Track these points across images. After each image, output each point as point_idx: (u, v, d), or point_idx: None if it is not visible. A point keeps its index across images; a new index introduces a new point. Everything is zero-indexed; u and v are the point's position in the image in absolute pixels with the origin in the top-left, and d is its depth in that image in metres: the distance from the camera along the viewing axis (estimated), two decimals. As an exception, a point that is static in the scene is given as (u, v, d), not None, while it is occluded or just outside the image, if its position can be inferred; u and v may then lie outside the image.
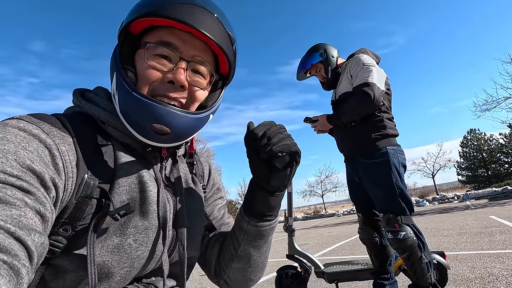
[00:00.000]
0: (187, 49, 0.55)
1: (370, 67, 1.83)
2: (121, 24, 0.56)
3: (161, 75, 0.54)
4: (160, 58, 0.54)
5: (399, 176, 1.78)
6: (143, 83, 0.53)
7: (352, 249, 5.38)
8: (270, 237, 0.64)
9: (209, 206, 0.72)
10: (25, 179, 0.38)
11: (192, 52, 0.55)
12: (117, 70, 0.53)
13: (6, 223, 0.33)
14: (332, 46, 2.10)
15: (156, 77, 0.53)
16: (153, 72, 0.53)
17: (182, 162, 0.66)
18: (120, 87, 0.52)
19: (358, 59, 1.89)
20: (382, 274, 2.01)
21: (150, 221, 0.52)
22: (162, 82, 0.54)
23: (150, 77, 0.53)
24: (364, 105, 1.78)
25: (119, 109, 0.53)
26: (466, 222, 6.70)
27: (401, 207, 1.74)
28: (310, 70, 2.15)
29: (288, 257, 2.40)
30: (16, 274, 0.32)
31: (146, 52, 0.53)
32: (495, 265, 2.90)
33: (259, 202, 0.58)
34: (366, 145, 1.86)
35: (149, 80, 0.53)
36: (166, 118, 0.51)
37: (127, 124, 0.52)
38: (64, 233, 0.45)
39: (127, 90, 0.51)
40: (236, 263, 0.64)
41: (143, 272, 0.54)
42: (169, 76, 0.53)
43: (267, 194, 0.57)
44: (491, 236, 4.54)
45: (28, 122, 0.44)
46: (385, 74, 1.92)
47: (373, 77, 1.78)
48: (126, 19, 0.55)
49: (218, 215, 0.72)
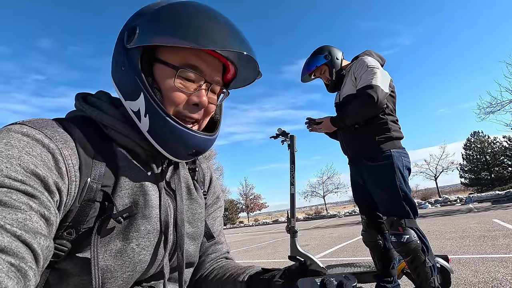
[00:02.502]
0: (210, 72, 0.57)
1: (374, 69, 1.82)
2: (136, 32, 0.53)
3: (186, 97, 0.56)
4: (185, 80, 0.55)
5: (403, 179, 1.78)
6: (169, 103, 0.55)
7: (354, 250, 5.36)
8: None
9: (210, 219, 0.73)
10: (29, 184, 0.39)
11: (213, 74, 0.58)
12: (148, 93, 0.52)
13: (12, 226, 0.34)
14: (336, 48, 2.10)
15: (182, 99, 0.55)
16: (180, 95, 0.55)
17: (184, 167, 0.68)
18: (154, 111, 0.52)
19: (362, 61, 1.89)
20: (385, 277, 2.00)
21: (152, 225, 0.53)
22: (187, 104, 0.56)
23: (177, 99, 0.55)
24: (367, 107, 1.77)
25: (148, 129, 0.53)
26: (469, 225, 6.66)
27: (405, 210, 1.73)
28: (314, 72, 2.14)
29: (290, 258, 2.39)
30: (24, 276, 0.33)
31: (176, 75, 0.54)
32: (499, 270, 2.88)
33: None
34: (370, 147, 1.86)
35: (176, 102, 0.55)
36: (201, 146, 0.57)
37: (156, 144, 0.54)
38: (68, 237, 0.46)
39: (162, 116, 0.52)
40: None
41: (144, 276, 0.54)
42: (194, 99, 0.56)
43: None
44: (495, 240, 4.51)
45: (31, 127, 0.45)
46: (389, 76, 1.92)
47: (377, 80, 1.77)
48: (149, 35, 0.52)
49: (216, 231, 0.74)
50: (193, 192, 0.65)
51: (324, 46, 2.12)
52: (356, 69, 1.90)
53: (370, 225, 2.03)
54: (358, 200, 2.10)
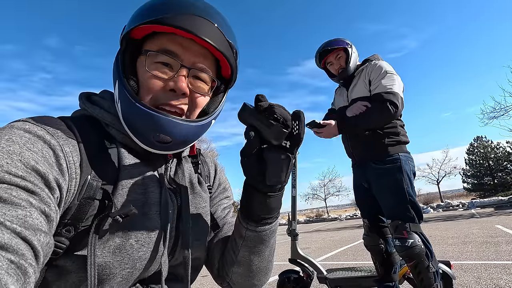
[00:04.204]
0: (188, 56, 0.55)
1: (393, 75, 1.80)
2: (123, 30, 0.57)
3: (162, 83, 0.54)
4: (162, 66, 0.54)
5: (410, 183, 1.77)
6: (145, 92, 0.54)
7: (355, 254, 5.33)
8: (271, 240, 0.61)
9: (214, 206, 0.72)
10: (29, 180, 0.38)
11: (193, 59, 0.56)
12: (119, 79, 0.53)
13: (12, 223, 0.34)
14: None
15: (158, 86, 0.54)
16: (155, 82, 0.54)
17: (187, 162, 0.67)
18: (123, 96, 0.52)
19: (378, 66, 1.85)
20: (386, 282, 1.99)
21: (152, 222, 0.52)
22: (164, 91, 0.54)
23: (152, 86, 0.54)
24: (387, 116, 1.74)
25: (122, 116, 0.53)
26: (471, 231, 6.60)
27: (411, 214, 1.72)
28: (328, 56, 2.03)
29: (290, 261, 2.37)
30: (24, 273, 0.32)
31: (147, 60, 0.54)
32: (502, 277, 2.85)
33: (256, 205, 0.53)
34: (378, 150, 1.84)
35: (151, 89, 0.54)
36: (167, 128, 0.52)
37: (130, 132, 0.53)
38: (66, 234, 0.46)
39: (129, 100, 0.51)
40: (236, 268, 0.62)
41: (146, 273, 0.54)
42: (171, 84, 0.53)
43: (264, 195, 0.52)
44: (497, 246, 4.47)
45: (33, 124, 0.45)
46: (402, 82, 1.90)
47: (396, 86, 1.75)
48: (127, 26, 0.55)
49: (221, 214, 0.72)
50: (196, 186, 0.64)
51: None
52: (371, 72, 1.87)
53: (372, 229, 2.02)
54: (360, 204, 2.09)
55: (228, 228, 0.71)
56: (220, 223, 0.70)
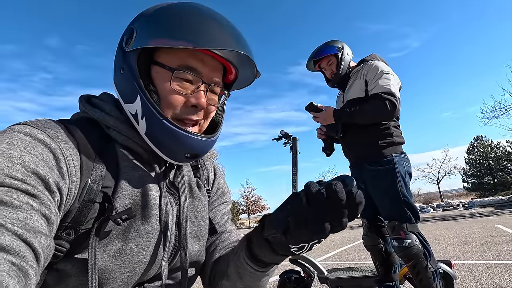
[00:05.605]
0: (207, 72, 0.57)
1: (389, 75, 1.81)
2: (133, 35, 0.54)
3: (184, 99, 0.55)
4: (183, 81, 0.55)
5: (404, 183, 1.77)
6: (167, 106, 0.54)
7: (355, 254, 5.33)
8: (267, 277, 0.60)
9: (213, 211, 0.72)
10: (30, 183, 0.39)
11: (211, 75, 0.57)
12: (143, 94, 0.52)
13: (13, 225, 0.34)
14: (348, 46, 2.06)
15: (180, 102, 0.55)
16: (177, 97, 0.54)
17: (187, 166, 0.67)
18: (150, 113, 0.52)
19: (375, 66, 1.86)
20: (386, 281, 1.99)
21: (151, 226, 0.52)
22: (185, 106, 0.55)
23: (174, 101, 0.54)
24: (384, 114, 1.76)
25: (146, 132, 0.53)
26: (471, 231, 6.60)
27: (406, 214, 1.72)
28: (321, 62, 2.07)
29: (291, 261, 2.38)
30: (25, 275, 0.33)
31: (173, 76, 0.53)
32: (503, 276, 2.85)
33: (263, 254, 0.52)
34: (372, 152, 1.85)
35: (173, 104, 0.54)
36: (196, 147, 0.56)
37: (154, 146, 0.54)
38: (67, 237, 0.46)
39: (158, 118, 0.52)
40: (225, 281, 0.62)
41: (145, 277, 0.54)
42: (192, 100, 0.55)
43: (273, 253, 0.50)
44: (498, 245, 4.47)
45: (33, 127, 0.45)
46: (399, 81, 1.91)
47: (394, 87, 1.77)
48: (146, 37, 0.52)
49: (221, 221, 0.72)
50: (195, 190, 0.65)
51: (337, 40, 2.07)
52: (368, 72, 1.88)
53: (371, 229, 2.02)
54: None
55: (226, 236, 0.71)
56: (219, 230, 0.70)
